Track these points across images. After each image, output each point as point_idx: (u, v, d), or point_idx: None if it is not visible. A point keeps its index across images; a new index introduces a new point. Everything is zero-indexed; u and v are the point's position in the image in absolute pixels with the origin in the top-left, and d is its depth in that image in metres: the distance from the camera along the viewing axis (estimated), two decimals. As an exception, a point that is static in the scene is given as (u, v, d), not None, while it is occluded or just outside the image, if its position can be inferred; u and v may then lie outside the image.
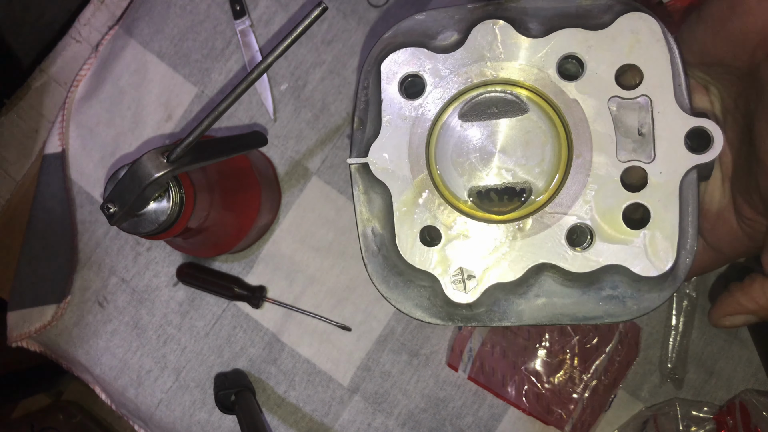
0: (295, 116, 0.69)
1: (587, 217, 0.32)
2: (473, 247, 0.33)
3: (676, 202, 0.32)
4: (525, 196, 0.34)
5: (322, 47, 0.69)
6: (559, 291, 0.34)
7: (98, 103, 0.71)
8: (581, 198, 0.32)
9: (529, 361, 0.64)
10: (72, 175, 0.71)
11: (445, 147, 0.34)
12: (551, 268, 0.33)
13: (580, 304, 0.34)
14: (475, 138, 0.34)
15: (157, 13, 0.70)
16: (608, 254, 0.32)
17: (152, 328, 0.69)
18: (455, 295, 0.33)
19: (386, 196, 0.34)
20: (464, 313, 0.34)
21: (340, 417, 0.67)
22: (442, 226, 0.33)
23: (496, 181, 0.34)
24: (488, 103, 0.34)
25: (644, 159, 0.32)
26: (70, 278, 0.70)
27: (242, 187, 0.62)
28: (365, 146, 0.35)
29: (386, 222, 0.35)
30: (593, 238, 0.32)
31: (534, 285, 0.34)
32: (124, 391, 0.69)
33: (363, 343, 0.67)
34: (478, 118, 0.34)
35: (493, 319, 0.35)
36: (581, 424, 0.64)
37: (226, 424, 0.68)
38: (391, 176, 0.34)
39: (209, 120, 0.41)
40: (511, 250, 0.33)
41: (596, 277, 0.33)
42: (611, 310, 0.34)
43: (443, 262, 0.33)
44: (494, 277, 0.33)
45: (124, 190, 0.44)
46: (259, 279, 0.68)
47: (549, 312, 0.34)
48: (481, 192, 0.34)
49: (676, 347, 0.64)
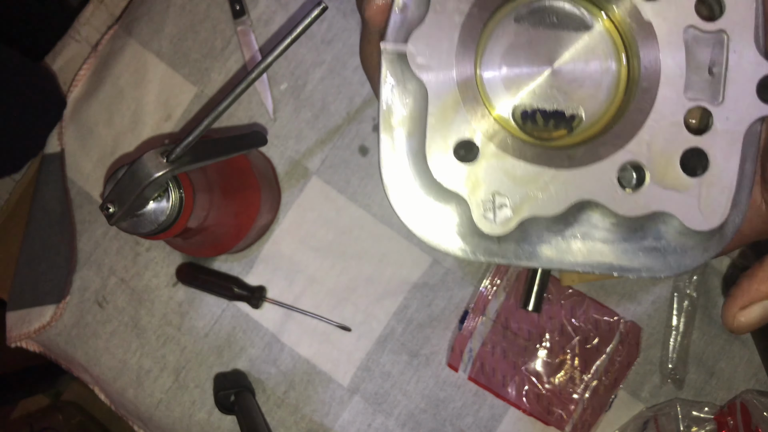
0: (295, 116, 0.69)
1: (644, 155, 0.29)
2: (512, 171, 0.29)
3: (738, 152, 0.29)
4: (575, 124, 0.30)
5: (322, 47, 0.69)
6: (598, 235, 0.31)
7: (97, 102, 0.71)
8: (639, 134, 0.29)
9: (529, 362, 0.64)
10: (71, 175, 0.71)
11: (494, 52, 0.30)
12: (595, 208, 0.30)
13: (618, 252, 0.31)
14: (529, 48, 0.30)
15: (157, 12, 0.70)
16: (660, 200, 0.29)
17: (152, 328, 0.69)
18: (484, 224, 0.29)
19: (420, 97, 0.30)
20: (489, 246, 0.31)
21: (339, 417, 0.67)
22: (482, 142, 0.29)
23: (546, 101, 0.30)
24: (549, 12, 0.30)
25: (711, 101, 0.29)
26: (69, 278, 0.70)
27: (242, 187, 0.62)
28: (405, 32, 0.30)
29: (415, 128, 0.31)
30: (645, 179, 0.29)
31: (573, 224, 0.31)
32: (123, 392, 0.69)
33: (363, 343, 0.67)
34: (536, 25, 0.30)
35: (521, 258, 0.31)
36: (582, 424, 0.63)
37: (225, 425, 0.68)
38: (431, 73, 0.29)
39: (209, 120, 0.41)
40: (554, 180, 0.29)
41: (641, 224, 0.30)
42: (650, 263, 0.31)
43: (476, 183, 0.29)
44: (531, 209, 0.29)
45: (123, 190, 0.44)
46: (259, 279, 0.68)
47: (583, 258, 0.31)
48: (526, 112, 0.30)
49: (677, 347, 0.64)
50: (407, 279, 0.67)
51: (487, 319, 0.65)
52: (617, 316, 0.64)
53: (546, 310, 0.65)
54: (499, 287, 0.65)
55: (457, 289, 0.67)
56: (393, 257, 0.67)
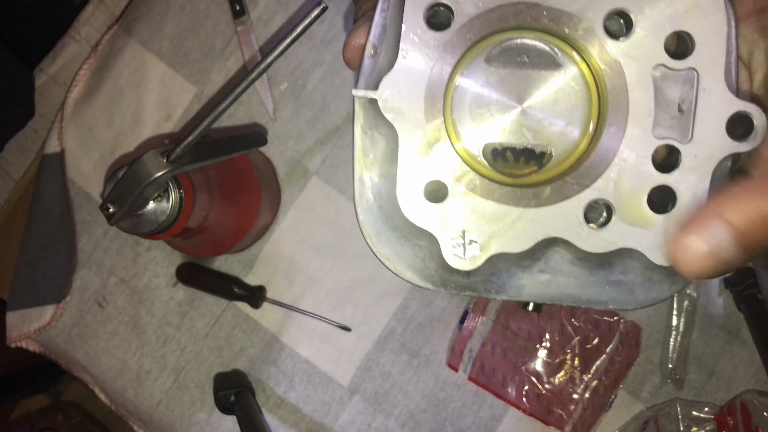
0: (295, 116, 0.69)
1: (610, 193, 0.29)
2: (480, 209, 0.30)
3: (706, 189, 0.29)
4: (544, 161, 0.31)
5: (322, 47, 0.69)
6: (565, 269, 0.32)
7: (97, 102, 0.71)
8: (606, 172, 0.29)
9: (529, 362, 0.64)
10: (71, 175, 0.71)
11: (464, 93, 0.31)
12: (562, 244, 0.30)
13: (585, 286, 0.32)
14: (499, 88, 0.30)
15: (157, 12, 0.70)
16: (625, 236, 0.29)
17: (152, 328, 0.69)
18: (454, 260, 0.30)
19: (391, 140, 0.31)
20: (460, 280, 0.32)
21: (339, 417, 0.67)
22: (451, 182, 0.30)
23: (516, 139, 0.30)
24: (520, 50, 0.30)
25: (680, 138, 0.29)
26: (70, 278, 0.70)
27: (242, 187, 0.62)
28: (376, 78, 0.30)
29: (387, 169, 0.32)
30: (611, 216, 0.29)
31: (540, 259, 0.32)
32: (123, 392, 0.69)
33: (363, 343, 0.67)
34: (506, 65, 0.30)
35: (490, 291, 0.32)
36: (582, 424, 0.63)
37: (225, 425, 0.68)
38: (402, 117, 0.30)
39: (209, 120, 0.41)
40: (521, 218, 0.29)
41: (607, 259, 0.31)
42: (617, 296, 0.31)
43: (445, 222, 0.30)
44: (499, 246, 0.29)
45: (123, 190, 0.44)
46: (259, 279, 0.68)
47: (552, 290, 0.32)
48: (496, 150, 0.31)
49: (677, 347, 0.64)
50: (407, 279, 0.67)
51: (487, 319, 0.65)
52: (617, 316, 0.64)
53: (546, 310, 0.65)
54: (499, 287, 0.65)
55: (457, 289, 0.67)
56: (393, 257, 0.67)
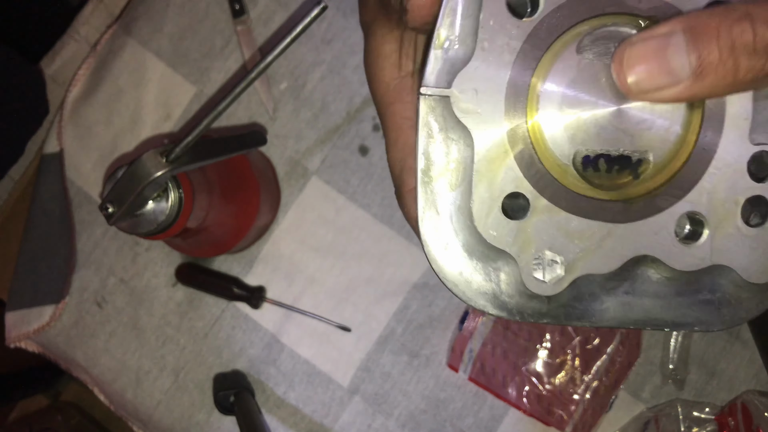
0: (295, 116, 0.69)
1: (703, 205, 0.27)
2: (565, 226, 0.26)
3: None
4: (641, 170, 0.27)
5: (322, 46, 0.68)
6: (652, 290, 0.29)
7: (96, 102, 0.71)
8: (701, 182, 0.26)
9: (529, 362, 0.64)
10: (70, 175, 0.71)
11: (553, 92, 0.26)
12: (651, 262, 0.28)
13: (671, 307, 0.29)
14: (593, 84, 0.26)
15: (156, 12, 0.70)
16: (718, 252, 0.27)
17: (151, 328, 0.69)
18: (534, 285, 0.26)
19: (464, 145, 0.27)
20: (539, 307, 0.28)
21: (339, 418, 0.67)
22: (533, 195, 0.26)
23: (611, 145, 0.26)
24: (618, 38, 0.26)
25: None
26: (69, 278, 0.70)
27: (241, 186, 0.62)
28: (448, 73, 0.26)
29: (458, 180, 0.27)
30: (701, 231, 0.27)
31: (626, 280, 0.28)
32: (122, 392, 0.69)
33: (363, 343, 0.67)
34: (601, 57, 0.26)
35: (571, 318, 0.28)
36: (582, 425, 0.63)
37: (225, 426, 0.68)
38: (478, 119, 0.26)
39: (208, 119, 0.41)
40: (610, 235, 0.26)
41: (696, 278, 0.28)
42: (704, 317, 0.29)
43: (526, 241, 0.26)
44: (585, 267, 0.26)
45: (122, 190, 0.44)
46: (259, 279, 0.68)
47: (636, 314, 0.29)
48: (588, 157, 0.26)
49: (678, 348, 0.64)
50: (407, 279, 0.67)
51: (487, 319, 0.65)
52: (618, 316, 0.64)
53: (546, 310, 0.64)
54: (499, 287, 0.65)
55: (457, 290, 0.67)
56: (393, 257, 0.67)
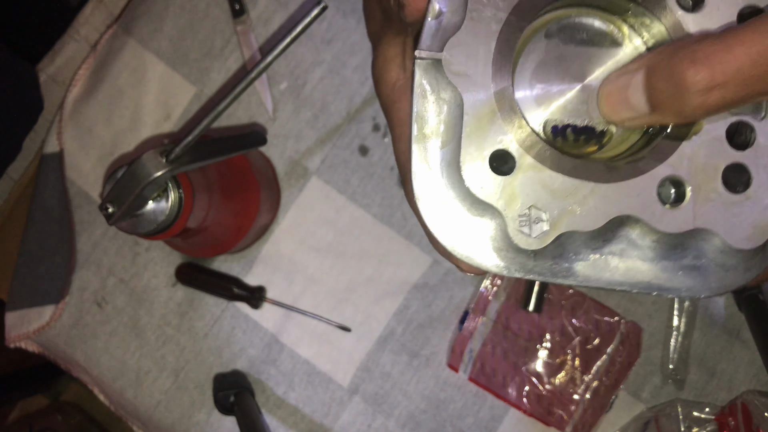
0: (295, 116, 0.69)
1: (684, 169, 0.28)
2: (550, 184, 0.28)
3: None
4: (605, 141, 0.30)
5: (322, 46, 0.68)
6: (636, 252, 0.30)
7: (96, 102, 0.71)
8: (680, 148, 0.28)
9: (529, 362, 0.64)
10: (70, 175, 0.71)
11: (525, 67, 0.30)
12: (634, 224, 0.29)
13: (657, 271, 0.30)
14: (560, 64, 0.30)
15: (156, 11, 0.70)
16: (701, 216, 0.28)
17: (151, 328, 0.69)
18: (520, 239, 0.28)
19: (454, 106, 0.29)
20: (525, 262, 0.30)
21: (339, 418, 0.67)
22: (519, 153, 0.28)
23: (577, 117, 0.29)
24: (579, 28, 0.30)
25: (754, 115, 0.28)
26: (69, 278, 0.70)
27: (241, 186, 0.62)
28: (440, 39, 0.29)
29: (449, 138, 0.30)
30: (685, 195, 0.28)
31: (610, 241, 0.30)
32: (122, 392, 0.69)
33: (363, 343, 0.67)
34: (567, 42, 0.29)
35: (557, 275, 0.30)
36: (582, 425, 0.63)
37: (225, 426, 0.68)
38: (468, 81, 0.28)
39: (208, 119, 0.41)
40: (594, 194, 0.28)
41: (681, 242, 0.29)
42: (690, 283, 0.30)
43: (512, 196, 0.28)
44: (569, 224, 0.28)
45: (122, 190, 0.44)
46: (259, 279, 0.68)
47: (621, 276, 0.30)
48: (556, 127, 0.29)
49: (678, 348, 0.64)
50: (407, 279, 0.67)
51: (487, 319, 0.65)
52: (618, 316, 0.64)
53: (546, 310, 0.64)
54: (499, 287, 0.65)
55: (457, 290, 0.67)
56: (393, 257, 0.67)
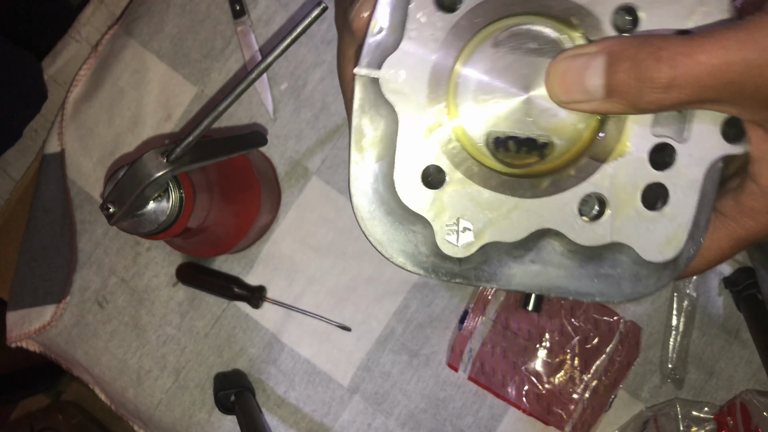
0: (295, 116, 0.69)
1: (606, 187, 0.29)
2: (477, 197, 0.30)
3: (697, 189, 0.29)
4: (546, 152, 0.30)
5: (322, 47, 0.69)
6: (556, 261, 0.32)
7: (97, 102, 0.71)
8: (604, 166, 0.29)
9: (529, 362, 0.64)
10: (71, 175, 0.71)
11: (470, 79, 0.30)
12: (554, 235, 0.30)
13: (574, 277, 0.32)
14: (505, 74, 0.30)
15: (157, 12, 0.70)
16: (617, 231, 0.29)
17: (152, 328, 0.69)
18: (447, 247, 0.29)
19: (391, 121, 0.30)
20: (451, 267, 0.31)
21: (340, 417, 0.67)
22: (449, 168, 0.29)
23: (519, 128, 0.30)
24: (529, 36, 0.30)
25: (677, 138, 0.29)
26: (70, 278, 0.70)
27: (242, 187, 0.62)
28: (379, 57, 0.29)
29: (385, 152, 0.31)
30: (604, 210, 0.30)
31: (531, 250, 0.31)
32: (123, 392, 0.69)
33: (363, 343, 0.67)
34: (515, 51, 0.30)
35: (481, 279, 0.32)
36: (581, 424, 0.63)
37: (225, 425, 0.68)
38: (403, 99, 0.29)
39: (209, 120, 0.41)
40: (517, 208, 0.29)
41: (597, 253, 0.31)
42: (604, 289, 0.32)
43: (441, 208, 0.30)
44: (493, 235, 0.29)
45: (123, 190, 0.44)
46: (259, 279, 0.68)
47: (541, 281, 0.32)
48: (499, 138, 0.30)
49: (677, 347, 0.64)
50: (407, 279, 0.67)
51: (487, 319, 0.65)
52: (617, 315, 0.64)
53: (546, 309, 0.65)
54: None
55: (457, 289, 0.67)
56: (393, 257, 0.67)
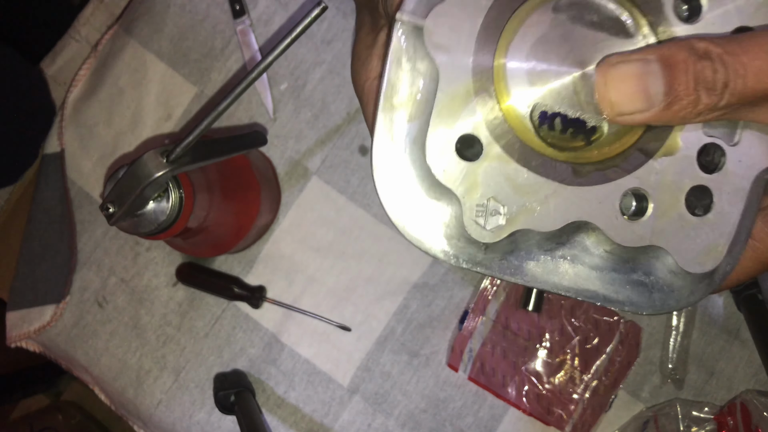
0: (295, 116, 0.69)
1: (651, 184, 0.27)
2: (513, 177, 0.27)
3: (744, 198, 0.27)
4: (594, 138, 0.27)
5: (322, 47, 0.69)
6: (588, 260, 0.29)
7: (97, 102, 0.71)
8: (651, 161, 0.27)
9: (529, 362, 0.64)
10: (71, 174, 0.71)
11: (524, 40, 0.27)
12: (591, 231, 0.28)
13: (605, 281, 0.29)
14: (562, 44, 0.27)
15: (157, 12, 0.70)
16: (657, 234, 0.27)
17: (151, 328, 0.69)
18: (474, 229, 0.26)
19: (429, 80, 0.27)
20: (474, 253, 0.29)
21: (339, 417, 0.67)
22: (487, 140, 0.26)
23: (569, 106, 0.27)
24: (591, 7, 0.27)
25: (728, 141, 0.27)
26: (69, 278, 0.70)
27: (242, 187, 0.62)
28: (426, 5, 0.27)
29: (418, 113, 0.28)
30: (647, 210, 0.27)
31: (564, 245, 0.29)
32: (123, 392, 0.69)
33: (363, 343, 0.67)
34: (575, 20, 0.27)
35: (505, 271, 0.29)
36: (582, 424, 0.63)
37: (225, 425, 0.68)
38: (448, 55, 0.26)
39: (209, 120, 0.41)
40: (556, 195, 0.27)
41: (633, 256, 0.29)
42: (635, 298, 0.29)
43: (473, 184, 0.26)
44: (526, 222, 0.27)
45: (123, 190, 0.44)
46: (259, 279, 0.68)
47: (569, 282, 0.29)
48: (545, 114, 0.27)
49: (677, 347, 0.64)
50: (407, 279, 0.67)
51: (487, 319, 0.65)
52: (617, 316, 0.64)
53: (546, 310, 0.65)
54: (499, 287, 0.65)
55: (457, 289, 0.67)
56: (393, 257, 0.67)
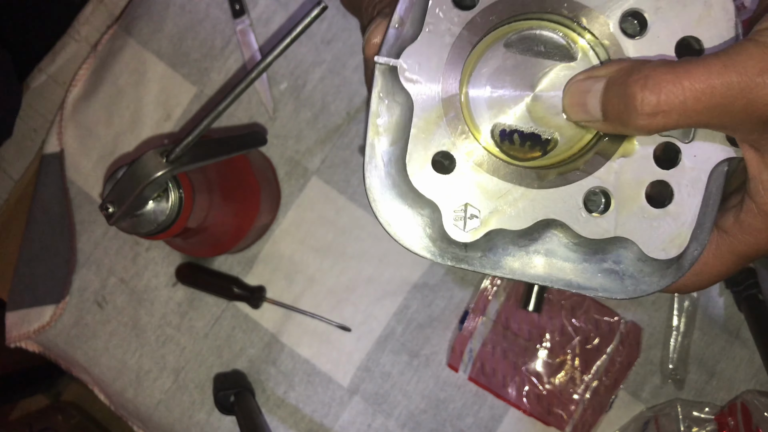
0: (295, 116, 0.69)
1: (611, 182, 0.31)
2: (485, 185, 0.32)
3: (701, 189, 0.31)
4: (549, 148, 0.32)
5: (322, 46, 0.69)
6: (560, 253, 0.33)
7: (97, 102, 0.71)
8: (609, 162, 0.31)
9: (529, 362, 0.64)
10: (70, 175, 0.71)
11: (482, 73, 0.32)
12: (559, 227, 0.32)
13: (578, 271, 0.33)
14: (514, 72, 0.32)
15: (156, 12, 0.70)
16: (621, 226, 0.31)
17: (151, 328, 0.69)
18: (454, 231, 0.31)
19: (406, 109, 0.32)
20: (457, 252, 0.33)
21: (339, 418, 0.67)
22: (459, 155, 0.31)
23: (524, 123, 0.32)
24: (538, 40, 0.32)
25: (682, 138, 0.31)
26: (69, 278, 0.70)
27: (241, 186, 0.62)
28: (398, 48, 0.32)
29: (399, 137, 0.33)
30: (609, 205, 0.31)
31: (537, 240, 0.33)
32: (123, 392, 0.69)
33: (363, 343, 0.67)
34: (524, 52, 0.32)
35: (485, 266, 0.33)
36: (582, 424, 0.63)
37: (225, 425, 0.68)
38: (419, 87, 0.31)
39: (208, 120, 0.41)
40: (523, 197, 0.31)
41: (602, 247, 0.32)
42: (607, 284, 0.33)
43: (450, 193, 0.31)
44: (499, 222, 0.31)
45: (123, 190, 0.44)
46: (259, 279, 0.68)
47: (544, 272, 0.33)
48: (504, 131, 0.32)
49: (678, 348, 0.64)
50: (407, 279, 0.67)
51: (487, 319, 0.65)
52: (618, 316, 0.64)
53: (546, 310, 0.65)
54: (499, 287, 0.65)
55: (457, 289, 0.67)
56: (393, 257, 0.67)
